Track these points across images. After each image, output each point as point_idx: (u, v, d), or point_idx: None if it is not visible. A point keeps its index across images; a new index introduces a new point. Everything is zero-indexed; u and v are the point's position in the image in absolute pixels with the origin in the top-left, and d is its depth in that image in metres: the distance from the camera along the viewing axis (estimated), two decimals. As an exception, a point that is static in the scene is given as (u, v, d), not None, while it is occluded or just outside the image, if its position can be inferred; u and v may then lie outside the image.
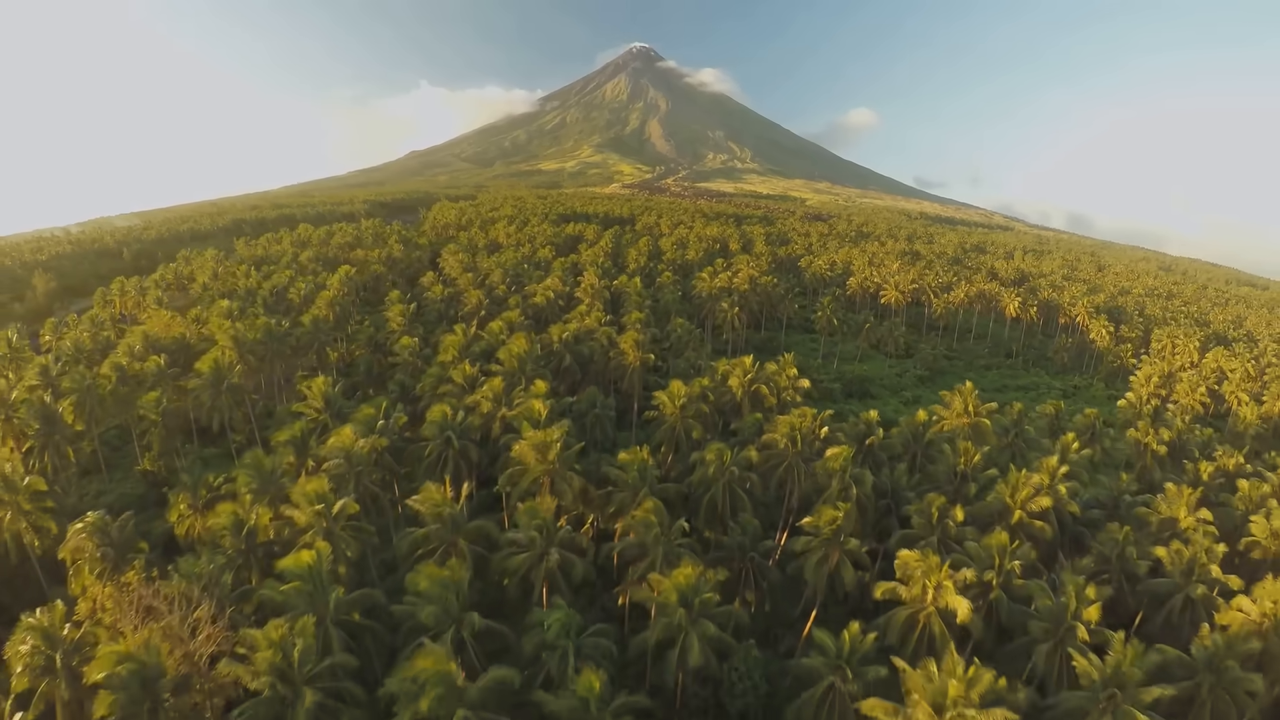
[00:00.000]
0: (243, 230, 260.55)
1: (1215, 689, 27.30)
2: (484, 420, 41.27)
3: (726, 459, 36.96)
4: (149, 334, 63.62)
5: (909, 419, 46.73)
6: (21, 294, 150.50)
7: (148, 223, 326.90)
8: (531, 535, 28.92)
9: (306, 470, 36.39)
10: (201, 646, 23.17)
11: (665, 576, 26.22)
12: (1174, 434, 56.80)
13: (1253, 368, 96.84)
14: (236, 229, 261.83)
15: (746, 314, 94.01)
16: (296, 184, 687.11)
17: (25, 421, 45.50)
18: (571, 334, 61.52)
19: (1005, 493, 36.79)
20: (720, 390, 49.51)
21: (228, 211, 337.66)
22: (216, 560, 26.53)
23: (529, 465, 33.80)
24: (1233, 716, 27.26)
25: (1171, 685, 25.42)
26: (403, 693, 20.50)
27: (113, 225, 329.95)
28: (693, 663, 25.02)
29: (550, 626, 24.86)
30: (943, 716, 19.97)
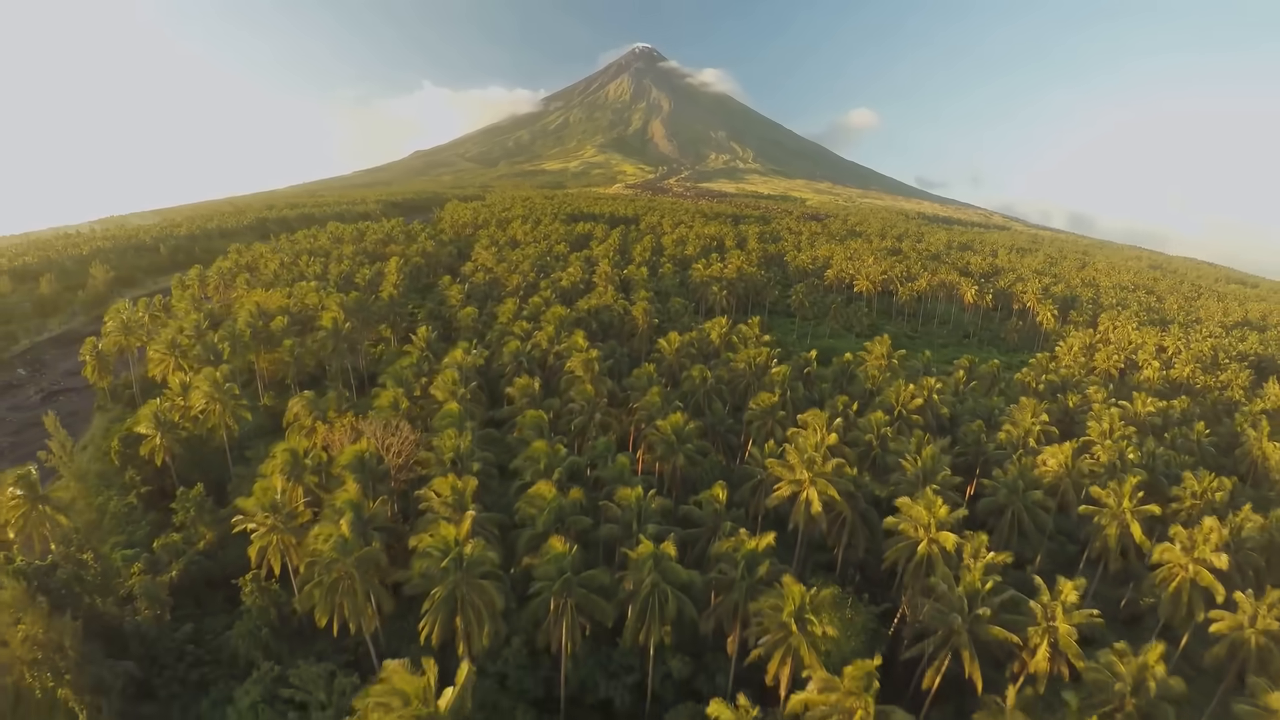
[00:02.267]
0: (267, 228, 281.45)
1: (1019, 508, 45.91)
2: (541, 353, 61.02)
3: (707, 376, 56.66)
4: (260, 304, 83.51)
5: (839, 359, 66.47)
6: (83, 282, 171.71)
7: (165, 220, 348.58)
8: (583, 404, 48.64)
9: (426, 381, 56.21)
10: (399, 448, 42.81)
11: (665, 421, 45.84)
12: (1051, 379, 76.33)
13: (1179, 344, 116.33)
14: (261, 227, 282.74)
15: (734, 298, 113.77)
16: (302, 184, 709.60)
17: (202, 356, 65.40)
18: (593, 306, 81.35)
19: (891, 396, 56.42)
20: (704, 341, 69.34)
21: (246, 210, 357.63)
22: (400, 403, 46.14)
23: (578, 373, 53.47)
24: (1030, 526, 45.91)
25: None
26: (523, 511, 38.58)
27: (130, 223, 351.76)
28: (680, 465, 44.60)
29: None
30: (809, 463, 39.38)
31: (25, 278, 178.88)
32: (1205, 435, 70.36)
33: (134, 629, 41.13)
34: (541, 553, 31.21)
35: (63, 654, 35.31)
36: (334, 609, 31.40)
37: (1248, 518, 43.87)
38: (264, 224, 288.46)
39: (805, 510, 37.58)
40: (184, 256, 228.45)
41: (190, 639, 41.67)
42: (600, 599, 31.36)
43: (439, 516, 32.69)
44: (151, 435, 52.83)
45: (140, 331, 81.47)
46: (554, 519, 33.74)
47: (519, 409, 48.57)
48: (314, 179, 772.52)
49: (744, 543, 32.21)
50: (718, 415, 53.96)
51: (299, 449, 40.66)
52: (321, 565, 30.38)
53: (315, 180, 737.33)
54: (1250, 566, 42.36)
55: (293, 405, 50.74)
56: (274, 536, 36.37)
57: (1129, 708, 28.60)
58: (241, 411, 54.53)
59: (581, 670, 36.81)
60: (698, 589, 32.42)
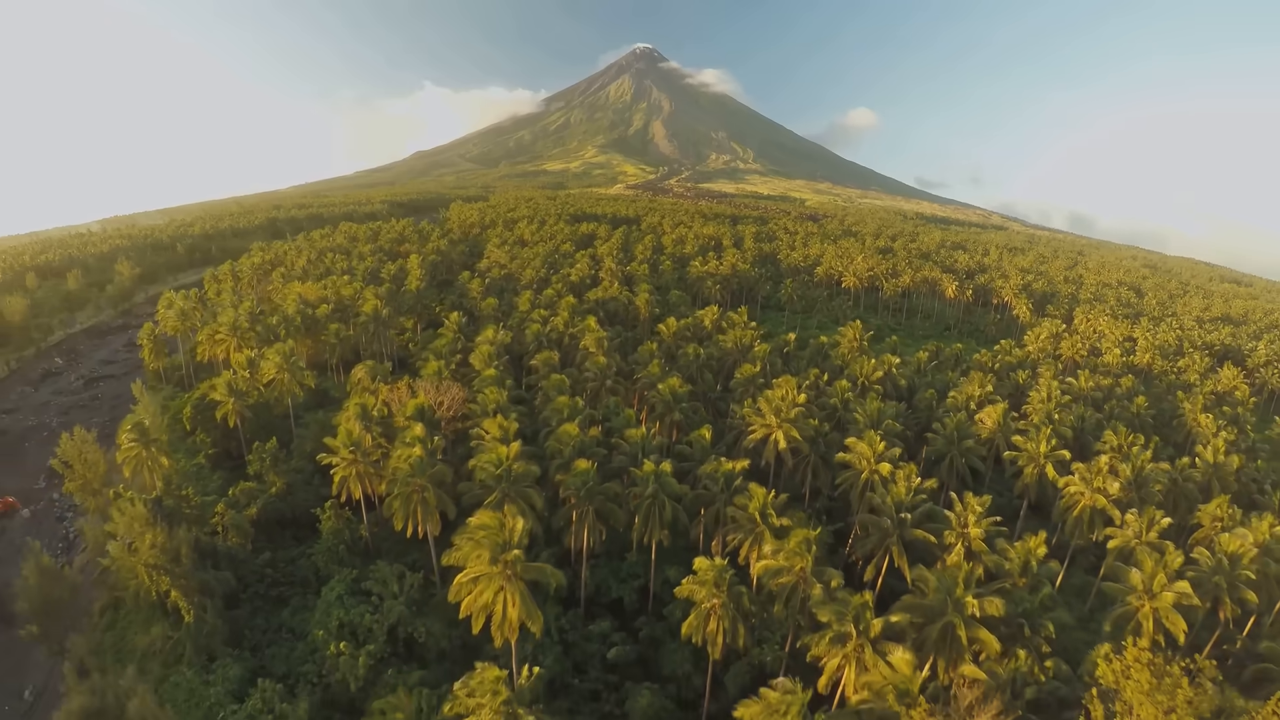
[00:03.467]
0: (278, 227, 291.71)
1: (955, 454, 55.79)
2: (559, 334, 71.19)
3: (700, 353, 66.75)
4: (302, 294, 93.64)
5: (816, 340, 76.56)
6: (106, 279, 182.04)
7: (172, 220, 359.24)
8: (595, 373, 58.81)
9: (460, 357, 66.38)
10: (449, 403, 52.87)
11: (663, 385, 55.97)
12: (1008, 360, 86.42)
13: (1146, 335, 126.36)
14: (271, 226, 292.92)
15: (728, 293, 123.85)
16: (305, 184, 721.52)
17: (263, 336, 75.53)
18: (600, 298, 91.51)
19: (856, 369, 66.50)
20: (698, 326, 79.50)
21: (253, 210, 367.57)
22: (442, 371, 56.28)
23: (591, 349, 63.56)
24: (965, 470, 55.73)
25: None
26: (552, 447, 48.93)
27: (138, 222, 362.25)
28: (676, 420, 54.59)
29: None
30: (778, 411, 49.44)
31: (49, 274, 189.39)
32: (1144, 408, 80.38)
33: (225, 552, 51.25)
34: (569, 471, 41.15)
35: (178, 562, 45.38)
36: (409, 515, 41.38)
37: (1148, 460, 53.87)
38: (274, 223, 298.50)
39: (774, 448, 47.64)
40: (200, 255, 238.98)
41: (268, 564, 51.84)
42: (614, 506, 41.39)
43: (490, 447, 42.68)
44: (225, 401, 62.87)
45: (194, 318, 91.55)
46: (577, 450, 43.73)
47: (543, 376, 58.72)
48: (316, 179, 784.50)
49: (723, 466, 42.22)
50: (708, 384, 64.07)
51: (367, 404, 50.71)
52: (402, 481, 40.36)
53: (317, 180, 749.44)
54: (1151, 501, 52.21)
55: (356, 371, 60.97)
56: (353, 468, 46.38)
57: (1020, 582, 38.47)
58: (306, 380, 64.67)
59: (598, 576, 46.85)
60: (688, 502, 42.46)
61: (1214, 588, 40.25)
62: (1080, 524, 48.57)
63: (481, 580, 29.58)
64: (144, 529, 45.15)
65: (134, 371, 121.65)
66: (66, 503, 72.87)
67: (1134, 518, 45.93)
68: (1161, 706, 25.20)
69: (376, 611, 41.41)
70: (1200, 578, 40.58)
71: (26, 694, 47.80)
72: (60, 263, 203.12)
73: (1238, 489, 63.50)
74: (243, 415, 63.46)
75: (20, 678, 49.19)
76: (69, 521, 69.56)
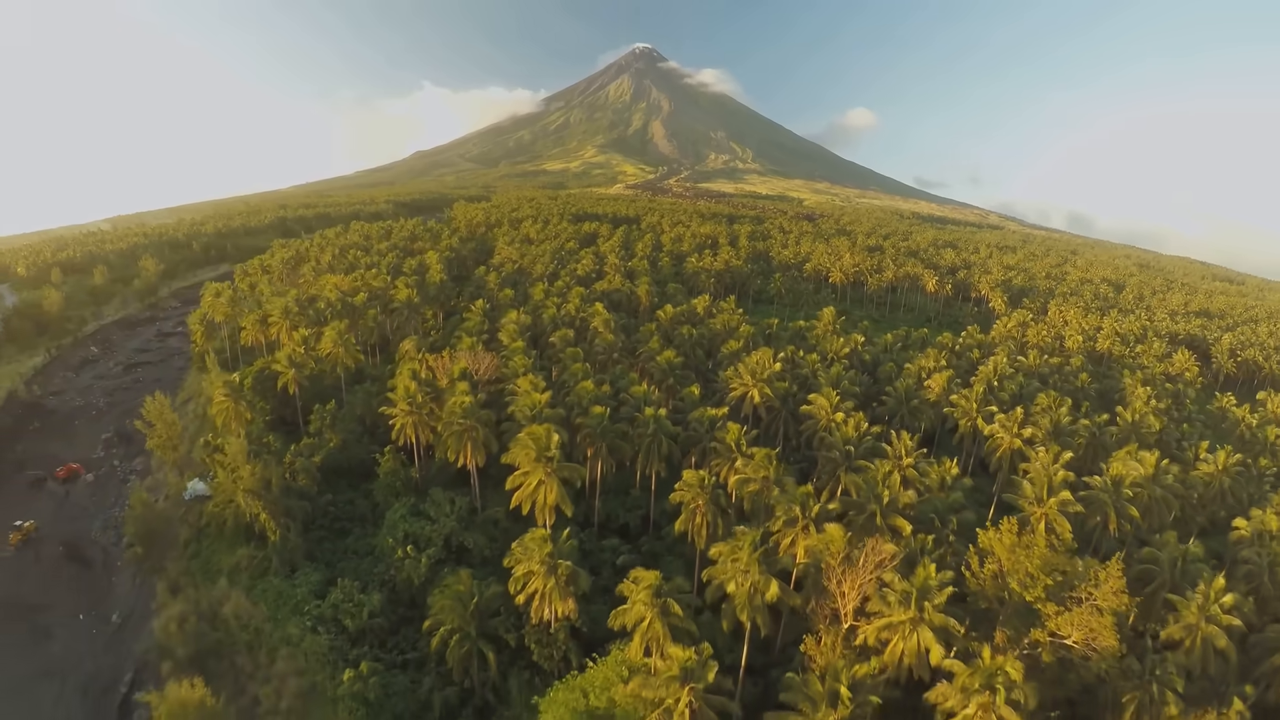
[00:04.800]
0: (287, 226, 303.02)
1: (904, 412, 67.41)
2: (571, 316, 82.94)
3: (693, 332, 78.44)
4: (338, 285, 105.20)
5: (794, 325, 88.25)
6: (128, 275, 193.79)
7: (179, 219, 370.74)
8: (604, 347, 70.54)
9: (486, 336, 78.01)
10: (484, 367, 64.46)
11: (661, 356, 67.58)
12: (968, 341, 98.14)
13: (1113, 324, 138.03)
14: (281, 225, 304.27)
15: (722, 286, 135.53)
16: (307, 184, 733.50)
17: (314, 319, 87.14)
18: (605, 289, 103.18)
19: (827, 346, 78.23)
20: (691, 312, 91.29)
21: (260, 210, 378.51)
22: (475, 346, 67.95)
23: (599, 329, 75.19)
24: (911, 423, 67.40)
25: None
26: (572, 399, 60.53)
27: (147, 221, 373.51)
28: (671, 385, 66.22)
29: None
30: (754, 373, 61.07)
31: (72, 270, 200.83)
32: (1088, 382, 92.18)
33: (297, 490, 62.73)
34: (587, 415, 52.74)
35: (269, 489, 56.88)
36: (460, 450, 52.92)
37: (1064, 414, 65.53)
38: (284, 222, 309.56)
39: (750, 403, 59.30)
40: (215, 252, 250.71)
41: (330, 504, 63.40)
42: (622, 442, 53.03)
43: (524, 397, 54.31)
44: (286, 371, 74.39)
45: (240, 306, 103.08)
46: (592, 400, 55.32)
47: (560, 350, 70.45)
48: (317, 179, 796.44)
49: (707, 412, 53.85)
50: (699, 359, 75.84)
51: (416, 369, 62.38)
52: (455, 421, 51.93)
53: (319, 180, 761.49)
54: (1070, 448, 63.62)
55: (404, 345, 72.78)
56: (410, 418, 57.96)
57: (938, 495, 49.85)
58: (355, 354, 76.30)
59: (608, 506, 58.51)
60: (680, 440, 54.10)
61: (1101, 504, 51.80)
62: (1002, 462, 60.20)
63: (530, 474, 41.13)
64: (244, 462, 56.80)
65: (169, 359, 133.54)
66: (127, 468, 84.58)
67: (1043, 452, 57.51)
68: (1016, 558, 36.54)
69: (434, 524, 53.00)
70: (1090, 496, 52.20)
71: (115, 617, 58.73)
72: (82, 259, 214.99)
73: (1159, 447, 75.04)
74: (300, 384, 75.01)
75: (106, 606, 60.32)
76: (131, 483, 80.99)
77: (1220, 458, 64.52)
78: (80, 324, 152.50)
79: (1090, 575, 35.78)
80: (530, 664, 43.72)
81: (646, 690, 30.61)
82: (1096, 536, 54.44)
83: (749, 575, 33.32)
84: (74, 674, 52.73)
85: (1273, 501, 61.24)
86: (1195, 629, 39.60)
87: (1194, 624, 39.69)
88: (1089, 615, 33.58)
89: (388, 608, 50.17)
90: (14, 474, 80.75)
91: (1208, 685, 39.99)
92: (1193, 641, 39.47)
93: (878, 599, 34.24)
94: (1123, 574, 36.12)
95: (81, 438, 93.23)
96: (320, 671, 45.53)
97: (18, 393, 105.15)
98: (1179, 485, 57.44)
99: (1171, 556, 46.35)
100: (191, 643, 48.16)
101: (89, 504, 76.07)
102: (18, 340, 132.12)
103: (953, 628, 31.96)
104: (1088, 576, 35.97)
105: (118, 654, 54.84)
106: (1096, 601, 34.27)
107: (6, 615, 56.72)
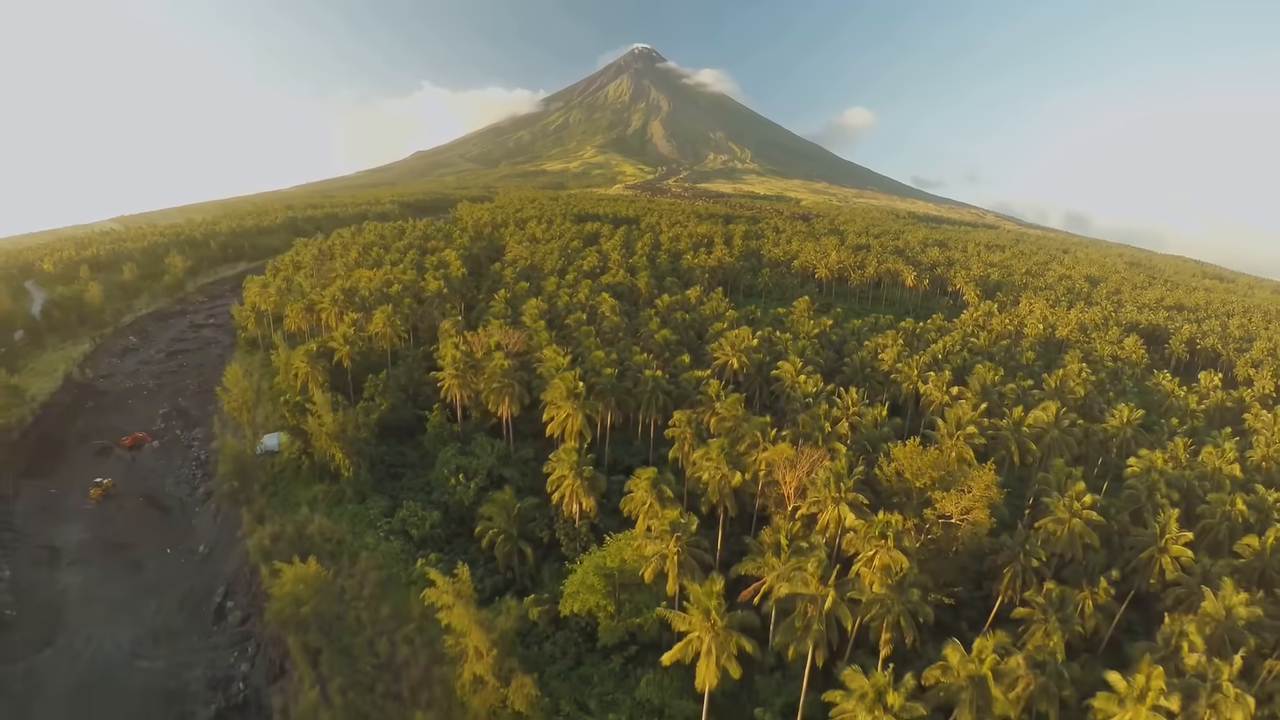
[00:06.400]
0: (298, 226, 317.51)
1: (860, 378, 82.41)
2: (582, 304, 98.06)
3: (686, 316, 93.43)
4: (371, 276, 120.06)
5: (775, 311, 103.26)
6: (154, 271, 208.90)
7: (188, 219, 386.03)
8: (611, 327, 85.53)
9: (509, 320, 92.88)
10: (513, 341, 79.40)
11: (658, 334, 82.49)
12: (928, 326, 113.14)
13: (1078, 315, 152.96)
14: (292, 225, 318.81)
15: (715, 281, 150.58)
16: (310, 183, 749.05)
17: (360, 305, 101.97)
18: (609, 282, 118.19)
19: (800, 328, 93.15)
20: (685, 301, 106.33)
21: (268, 210, 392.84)
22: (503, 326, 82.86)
23: (607, 313, 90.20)
24: (878, 395, 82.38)
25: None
26: (587, 364, 75.36)
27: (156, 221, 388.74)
28: (666, 358, 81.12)
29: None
30: (734, 345, 76.02)
31: (98, 267, 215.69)
32: (1033, 360, 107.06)
33: (361, 440, 77.29)
34: (600, 375, 67.62)
35: (345, 434, 71.53)
36: (499, 402, 67.70)
37: (995, 379, 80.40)
38: (294, 222, 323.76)
39: (730, 369, 74.31)
40: (232, 250, 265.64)
41: (386, 453, 77.94)
42: (627, 396, 67.93)
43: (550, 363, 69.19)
44: (341, 348, 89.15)
45: (287, 295, 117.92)
46: (603, 364, 70.21)
47: (574, 329, 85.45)
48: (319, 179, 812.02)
49: (695, 374, 68.79)
50: (690, 339, 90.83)
51: (457, 343, 77.36)
52: (495, 379, 66.75)
53: (321, 180, 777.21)
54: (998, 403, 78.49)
55: (444, 325, 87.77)
56: (455, 380, 72.77)
57: (871, 429, 64.64)
58: (401, 333, 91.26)
59: (615, 452, 73.33)
60: (673, 396, 69.01)
61: (1004, 439, 66.65)
62: (935, 415, 75.04)
63: (560, 408, 56.06)
64: (328, 411, 71.61)
65: (205, 347, 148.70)
66: (189, 436, 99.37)
67: (965, 404, 72.33)
68: (913, 461, 51.27)
69: (478, 459, 67.86)
70: (996, 433, 67.09)
71: (201, 548, 72.99)
72: (108, 257, 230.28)
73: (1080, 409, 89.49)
74: (352, 358, 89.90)
75: (190, 542, 74.52)
76: (196, 449, 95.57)
77: (1124, 413, 79.19)
78: (117, 316, 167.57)
79: (970, 475, 50.68)
80: (559, 557, 58.47)
81: (648, 547, 45.26)
82: (1005, 467, 69.23)
83: (719, 469, 48.15)
84: (169, 593, 66.16)
85: (1168, 448, 76.02)
86: (1065, 522, 54.01)
87: (1064, 518, 54.13)
88: (965, 498, 48.34)
89: (444, 523, 64.94)
90: (80, 444, 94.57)
91: (1080, 569, 54.80)
92: (1062, 531, 54.00)
93: (812, 490, 48.97)
94: (994, 474, 50.94)
95: (136, 414, 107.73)
96: (394, 565, 60.30)
97: (73, 375, 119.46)
98: (1078, 430, 72.27)
99: (1058, 477, 61.13)
100: (284, 554, 62.44)
101: (156, 466, 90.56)
102: (59, 330, 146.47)
103: (860, 501, 46.71)
104: (967, 476, 50.84)
105: (208, 575, 69.06)
106: (973, 490, 49.06)
107: (101, 552, 69.64)
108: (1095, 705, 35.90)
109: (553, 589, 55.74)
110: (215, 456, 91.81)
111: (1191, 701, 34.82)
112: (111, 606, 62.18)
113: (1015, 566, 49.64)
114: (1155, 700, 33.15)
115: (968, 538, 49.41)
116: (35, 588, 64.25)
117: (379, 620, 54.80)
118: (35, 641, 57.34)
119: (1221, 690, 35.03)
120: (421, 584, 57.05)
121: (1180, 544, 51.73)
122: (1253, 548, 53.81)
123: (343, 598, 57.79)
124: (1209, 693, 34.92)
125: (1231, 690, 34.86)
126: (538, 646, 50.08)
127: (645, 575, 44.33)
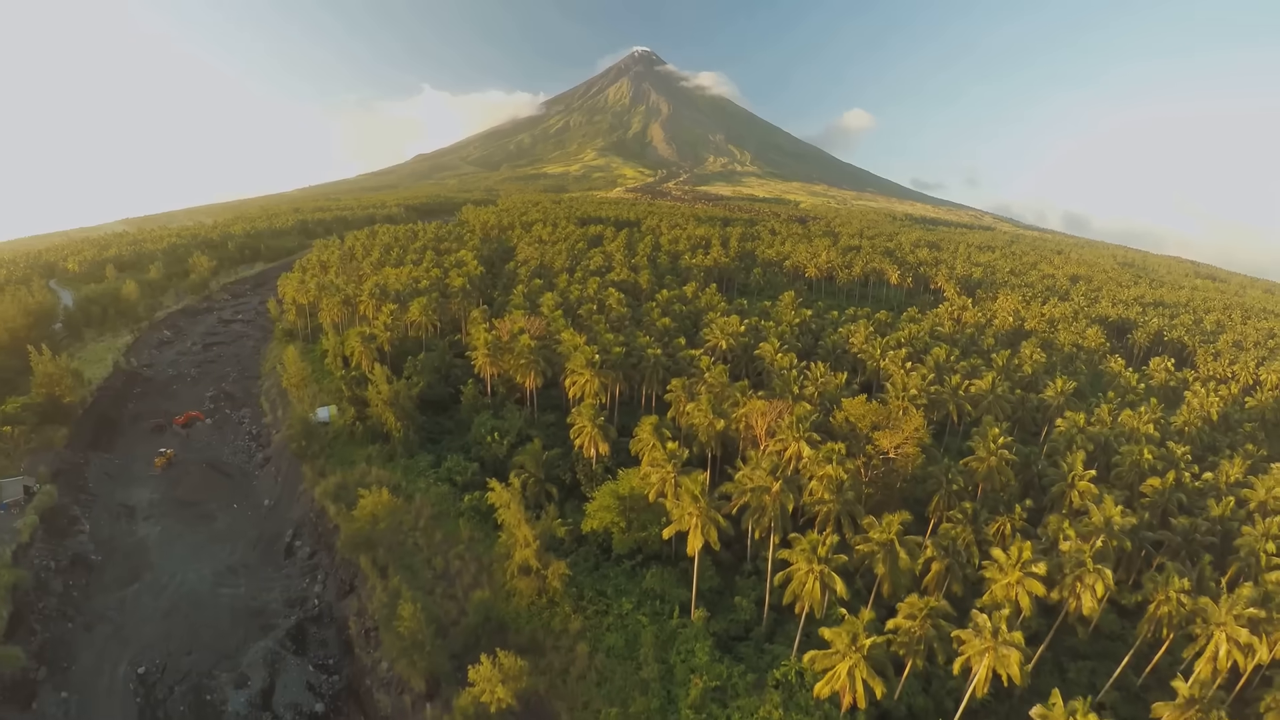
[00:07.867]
0: (309, 228, 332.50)
1: (833, 358, 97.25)
2: (592, 297, 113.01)
3: (682, 308, 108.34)
4: (398, 274, 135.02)
5: (762, 304, 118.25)
6: (183, 269, 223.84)
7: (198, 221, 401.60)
8: (618, 316, 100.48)
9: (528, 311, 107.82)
10: (536, 326, 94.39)
11: (658, 322, 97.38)
12: (902, 319, 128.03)
13: (1050, 309, 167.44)
14: (303, 227, 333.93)
15: (711, 279, 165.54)
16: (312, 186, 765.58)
17: (395, 298, 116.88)
18: (614, 279, 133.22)
19: (782, 318, 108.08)
20: (682, 296, 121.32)
21: (276, 213, 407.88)
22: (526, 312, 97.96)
23: (613, 305, 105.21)
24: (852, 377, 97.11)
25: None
26: (600, 344, 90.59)
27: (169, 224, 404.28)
28: (667, 342, 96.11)
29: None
30: (723, 330, 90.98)
31: (122, 267, 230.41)
32: (992, 345, 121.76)
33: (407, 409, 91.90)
34: (609, 352, 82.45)
35: (397, 401, 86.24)
36: (526, 376, 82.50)
37: (952, 359, 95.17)
38: (305, 225, 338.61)
39: (720, 350, 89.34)
40: (249, 251, 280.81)
41: (425, 422, 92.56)
42: (632, 370, 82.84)
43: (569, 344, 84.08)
44: (382, 334, 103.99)
45: (326, 290, 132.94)
46: (613, 344, 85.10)
47: (586, 318, 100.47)
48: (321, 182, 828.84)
49: (689, 352, 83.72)
50: (687, 327, 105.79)
51: (486, 328, 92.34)
52: (523, 356, 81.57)
53: (323, 183, 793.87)
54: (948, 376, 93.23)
55: (474, 313, 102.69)
56: (487, 358, 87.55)
57: (832, 392, 79.49)
58: (435, 322, 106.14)
59: (623, 417, 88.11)
60: (672, 370, 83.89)
61: (944, 401, 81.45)
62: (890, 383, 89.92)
63: (580, 374, 70.97)
64: (384, 381, 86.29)
65: (238, 340, 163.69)
66: (238, 415, 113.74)
67: (916, 374, 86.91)
68: (859, 410, 66.11)
69: (508, 422, 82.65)
70: (938, 396, 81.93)
71: (266, 502, 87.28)
72: (129, 257, 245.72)
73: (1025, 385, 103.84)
74: (391, 344, 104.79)
75: (254, 499, 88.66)
76: (247, 424, 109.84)
77: (1059, 384, 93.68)
78: (150, 312, 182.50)
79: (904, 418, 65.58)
80: (580, 497, 73.02)
81: (652, 475, 59.84)
82: (948, 428, 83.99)
83: (707, 416, 62.96)
84: (241, 538, 79.66)
85: (1094, 413, 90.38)
86: (984, 460, 68.25)
87: (984, 457, 68.30)
88: (897, 436, 63.06)
89: (480, 473, 79.57)
90: (133, 424, 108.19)
91: (1000, 500, 69.36)
92: (983, 467, 68.27)
93: (780, 432, 63.69)
94: (922, 418, 65.71)
95: (182, 398, 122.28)
96: (444, 503, 74.86)
97: (120, 364, 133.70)
98: (1015, 398, 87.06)
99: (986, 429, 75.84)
100: (349, 498, 76.46)
101: (210, 440, 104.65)
102: (94, 325, 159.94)
103: (815, 438, 61.44)
104: (903, 420, 65.70)
105: (276, 522, 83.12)
106: (904, 430, 63.82)
107: (174, 508, 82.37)
108: (986, 575, 50.35)
109: (575, 521, 70.41)
110: (267, 431, 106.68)
111: (1059, 574, 49.04)
112: (190, 550, 74.56)
113: (942, 491, 64.19)
114: (1028, 568, 47.05)
115: (905, 470, 64.12)
116: (115, 538, 75.32)
117: (434, 544, 69.31)
118: (124, 579, 68.08)
119: (1085, 565, 49.20)
120: (469, 515, 71.73)
121: (1085, 480, 65.86)
122: (1155, 487, 67.75)
123: (402, 528, 72.28)
124: (1073, 566, 49.00)
125: (1092, 565, 49.07)
126: (565, 558, 64.68)
127: (650, 495, 58.93)
